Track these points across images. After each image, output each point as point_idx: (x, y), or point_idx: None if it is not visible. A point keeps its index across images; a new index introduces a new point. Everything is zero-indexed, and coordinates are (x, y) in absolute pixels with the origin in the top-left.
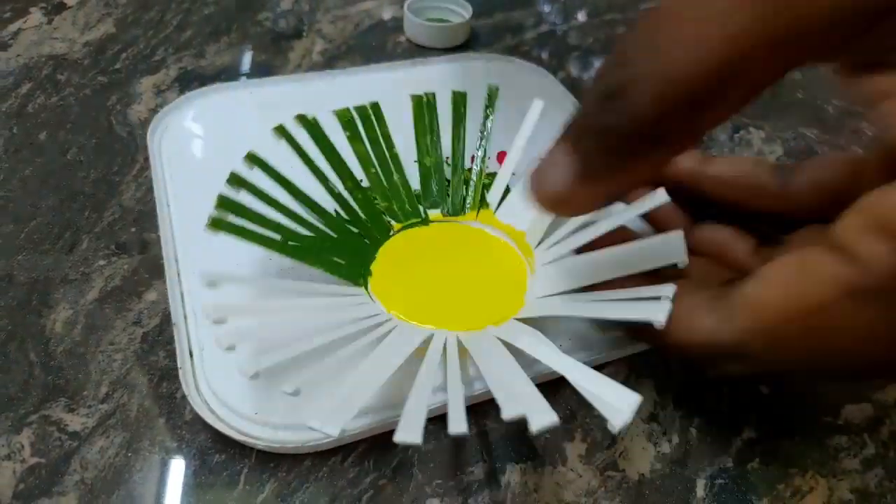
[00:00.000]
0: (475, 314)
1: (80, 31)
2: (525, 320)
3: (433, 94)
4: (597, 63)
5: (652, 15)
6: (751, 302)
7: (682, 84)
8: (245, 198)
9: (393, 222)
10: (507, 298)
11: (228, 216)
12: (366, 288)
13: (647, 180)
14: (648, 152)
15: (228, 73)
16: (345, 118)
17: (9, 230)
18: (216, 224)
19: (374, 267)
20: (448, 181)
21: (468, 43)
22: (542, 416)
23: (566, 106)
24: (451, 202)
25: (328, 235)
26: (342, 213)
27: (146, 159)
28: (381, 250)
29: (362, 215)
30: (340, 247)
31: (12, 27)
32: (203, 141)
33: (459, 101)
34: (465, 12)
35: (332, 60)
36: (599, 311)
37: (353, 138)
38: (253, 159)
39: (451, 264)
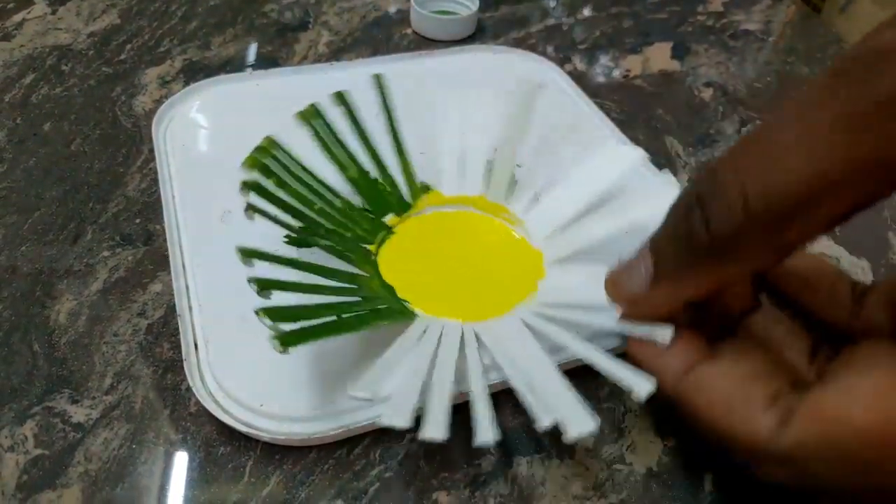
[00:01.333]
0: (486, 302)
1: (84, 22)
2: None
3: (314, 105)
4: (602, 57)
5: (753, 131)
6: (827, 412)
7: (768, 196)
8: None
9: (389, 216)
10: (516, 286)
11: (259, 202)
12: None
13: (723, 289)
14: (724, 264)
15: (234, 65)
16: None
17: (13, 221)
18: (252, 208)
19: (379, 261)
20: (379, 182)
21: (474, 35)
22: (580, 425)
23: (572, 99)
24: (396, 200)
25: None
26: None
27: (151, 150)
28: (381, 252)
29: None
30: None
31: (16, 17)
32: (208, 132)
33: (378, 84)
34: (472, 5)
35: (337, 52)
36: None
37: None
38: (259, 154)
39: (453, 253)
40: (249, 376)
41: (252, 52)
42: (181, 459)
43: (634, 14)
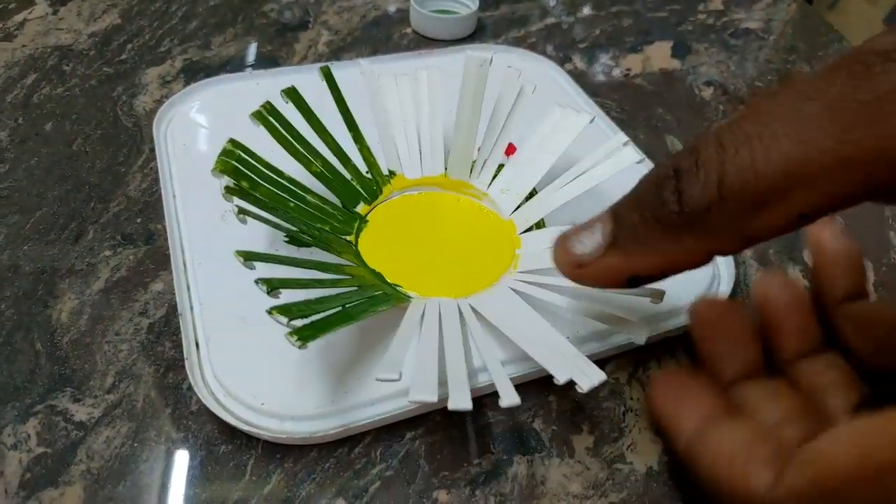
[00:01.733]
0: (472, 277)
1: (85, 22)
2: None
3: (269, 103)
4: (603, 55)
5: (740, 114)
6: (817, 459)
7: (745, 177)
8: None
9: (360, 205)
10: (496, 257)
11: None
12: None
13: (675, 270)
14: (684, 240)
15: (234, 65)
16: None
17: (14, 220)
18: (243, 211)
19: (360, 249)
20: (349, 176)
21: (474, 35)
22: (591, 378)
23: (572, 98)
24: (364, 189)
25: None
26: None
27: (152, 150)
28: (360, 242)
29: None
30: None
31: (18, 18)
32: (208, 132)
33: (328, 76)
34: (472, 4)
35: (337, 52)
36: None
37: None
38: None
39: (429, 233)
40: (250, 375)
41: (252, 52)
42: (182, 458)
43: (635, 13)
